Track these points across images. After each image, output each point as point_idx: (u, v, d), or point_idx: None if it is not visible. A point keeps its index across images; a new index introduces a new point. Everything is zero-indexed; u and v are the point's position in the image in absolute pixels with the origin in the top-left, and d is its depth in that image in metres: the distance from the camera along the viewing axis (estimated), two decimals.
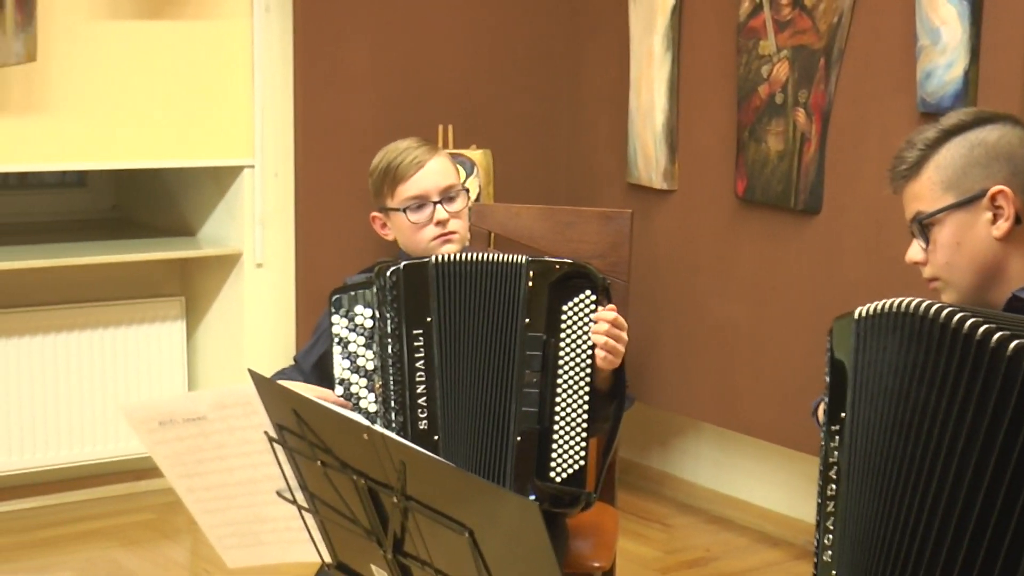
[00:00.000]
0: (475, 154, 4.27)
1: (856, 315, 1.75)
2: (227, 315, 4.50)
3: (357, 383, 2.54)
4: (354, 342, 2.54)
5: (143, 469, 4.42)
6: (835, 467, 1.77)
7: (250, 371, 1.84)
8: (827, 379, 1.80)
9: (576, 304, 2.50)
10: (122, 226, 4.78)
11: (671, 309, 4.34)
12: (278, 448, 1.83)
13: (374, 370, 2.53)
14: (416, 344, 2.51)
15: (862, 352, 1.73)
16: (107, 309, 4.40)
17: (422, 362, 2.50)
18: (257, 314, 4.41)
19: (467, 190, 2.76)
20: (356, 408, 2.54)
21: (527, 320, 2.49)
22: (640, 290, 4.23)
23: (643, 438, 4.67)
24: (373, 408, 2.53)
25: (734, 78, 4.02)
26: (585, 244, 3.16)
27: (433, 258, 2.54)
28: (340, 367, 2.55)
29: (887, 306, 1.70)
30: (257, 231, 4.38)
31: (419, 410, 2.49)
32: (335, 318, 2.55)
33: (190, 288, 4.64)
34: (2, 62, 3.79)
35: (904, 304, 1.67)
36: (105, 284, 4.47)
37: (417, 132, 4.28)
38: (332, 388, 2.55)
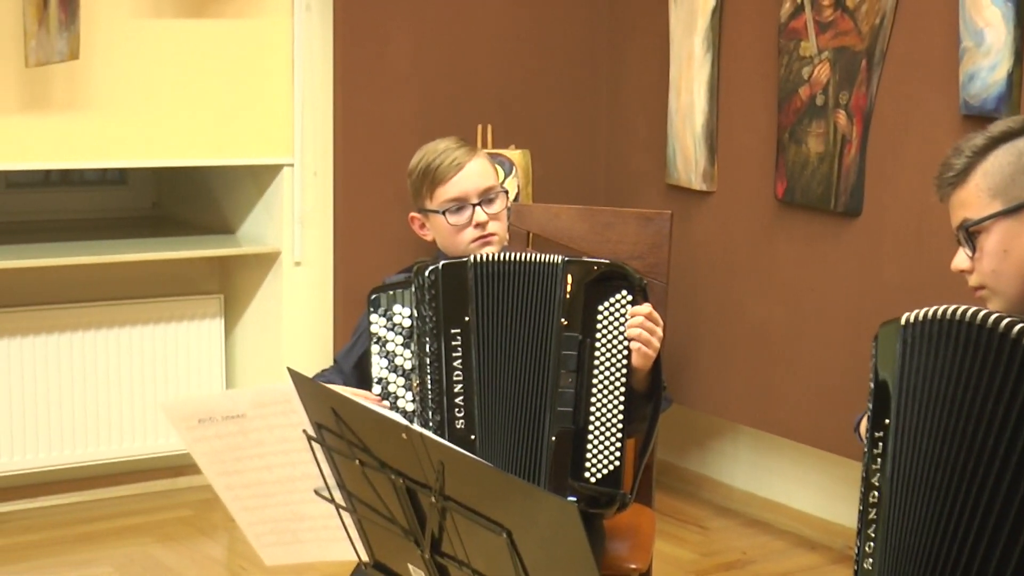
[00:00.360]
0: (514, 154, 4.26)
1: (903, 321, 1.74)
2: (265, 313, 4.51)
3: (395, 382, 2.56)
4: (392, 341, 2.55)
5: (181, 466, 4.44)
6: (878, 474, 1.75)
7: (289, 369, 1.85)
8: (871, 385, 1.78)
9: (612, 304, 2.50)
10: (162, 224, 4.80)
11: (709, 311, 4.32)
12: (316, 447, 1.83)
13: (412, 369, 2.54)
14: (454, 343, 2.51)
15: (909, 359, 1.72)
16: (146, 306, 4.42)
17: (459, 361, 2.51)
18: (295, 313, 4.42)
19: (506, 191, 2.76)
20: (394, 407, 2.55)
21: (563, 320, 2.50)
22: (679, 292, 4.22)
23: (680, 440, 4.65)
24: (411, 407, 2.54)
25: (775, 79, 4.01)
26: (624, 245, 3.17)
27: (472, 258, 2.55)
28: (378, 366, 2.56)
29: (937, 313, 1.69)
30: (296, 230, 4.38)
31: (456, 409, 2.50)
32: (373, 317, 2.56)
33: (229, 286, 4.65)
34: (46, 60, 3.81)
35: (956, 312, 1.66)
36: (144, 281, 4.49)
37: (456, 131, 4.28)
38: (371, 388, 2.56)
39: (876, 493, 1.73)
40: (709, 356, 4.33)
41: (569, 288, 2.50)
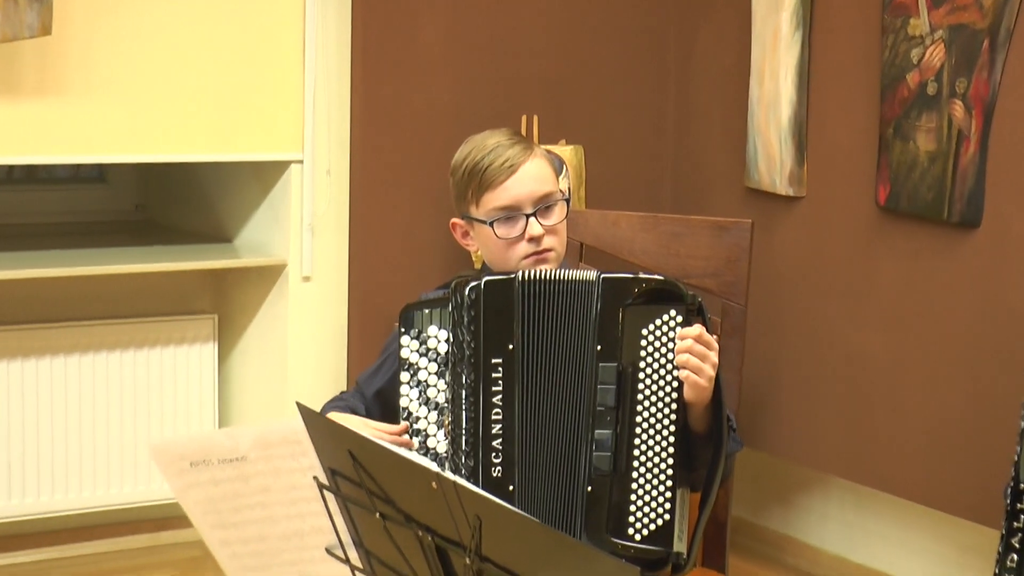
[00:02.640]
0: (564, 151, 4.27)
1: None
2: (268, 337, 4.51)
3: (425, 417, 2.59)
4: (424, 368, 2.59)
5: (167, 517, 4.43)
6: None
7: (298, 404, 1.86)
8: (1018, 448, 1.76)
9: (659, 327, 2.52)
10: (146, 230, 4.81)
11: (796, 339, 4.32)
12: (329, 496, 1.85)
13: (445, 403, 2.57)
14: (494, 376, 2.54)
15: None
16: (126, 328, 4.42)
17: (500, 397, 2.54)
18: (304, 336, 4.43)
19: (567, 198, 2.77)
20: (422, 447, 2.59)
21: (599, 347, 2.52)
22: (760, 316, 4.20)
23: (759, 494, 4.64)
24: (442, 448, 2.58)
25: (877, 64, 3.99)
26: (695, 260, 3.20)
27: (519, 274, 2.57)
28: (407, 397, 2.60)
29: None
30: (305, 238, 4.39)
31: (493, 454, 2.53)
32: (404, 339, 2.59)
33: (224, 304, 4.66)
34: (12, 35, 3.80)
35: None
36: (124, 298, 4.49)
37: (497, 125, 4.26)
38: (395, 420, 2.61)
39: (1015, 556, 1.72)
40: (795, 393, 4.32)
41: (603, 309, 2.53)
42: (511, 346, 2.54)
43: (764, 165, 4.35)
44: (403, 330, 2.60)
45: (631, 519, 2.49)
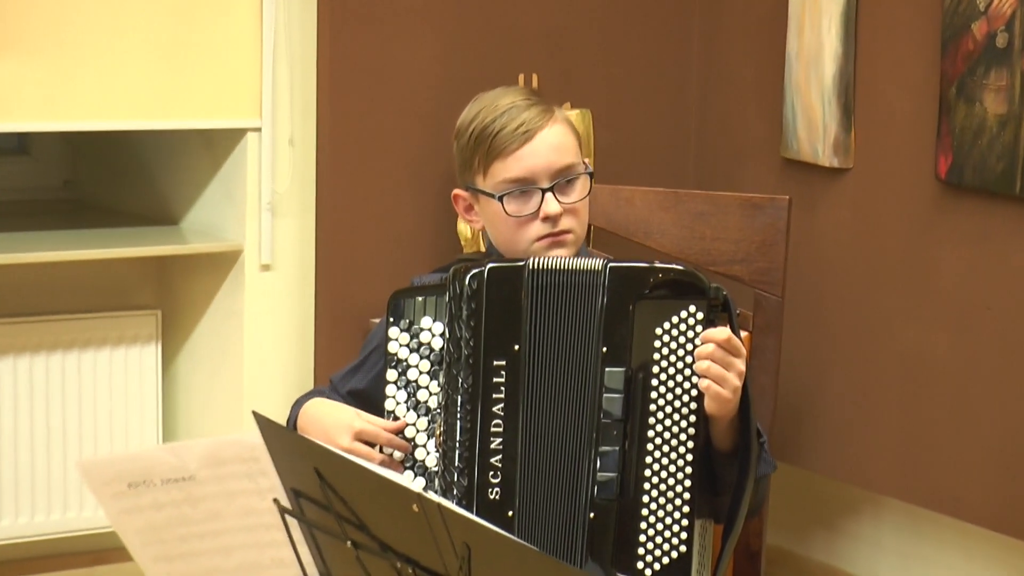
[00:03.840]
0: (570, 115, 4.18)
1: None
2: (221, 336, 4.51)
3: (414, 424, 2.60)
4: (415, 367, 2.60)
5: (103, 549, 4.41)
6: None
7: (255, 414, 1.87)
8: None
9: (675, 326, 2.52)
10: (77, 210, 4.79)
11: (842, 337, 4.31)
12: (292, 522, 1.85)
13: (437, 408, 2.58)
14: (495, 381, 2.55)
15: None
16: (51, 326, 4.40)
17: (501, 407, 2.55)
18: (263, 335, 4.42)
19: (590, 171, 2.77)
20: (409, 459, 2.59)
21: (604, 349, 2.54)
22: (799, 310, 4.17)
23: (800, 518, 4.64)
24: (432, 462, 2.59)
25: (937, 11, 3.98)
26: (723, 243, 3.19)
27: (530, 262, 2.58)
28: (393, 399, 2.60)
29: None
30: (264, 220, 4.39)
31: (491, 473, 2.53)
32: (393, 331, 2.60)
33: (169, 298, 4.65)
34: None
35: None
36: (49, 291, 4.47)
37: (489, 85, 4.21)
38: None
39: None
40: (841, 400, 4.31)
41: (611, 304, 2.54)
42: (517, 347, 2.55)
43: (804, 132, 4.34)
44: (392, 320, 2.60)
45: (641, 551, 2.50)
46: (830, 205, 4.33)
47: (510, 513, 2.52)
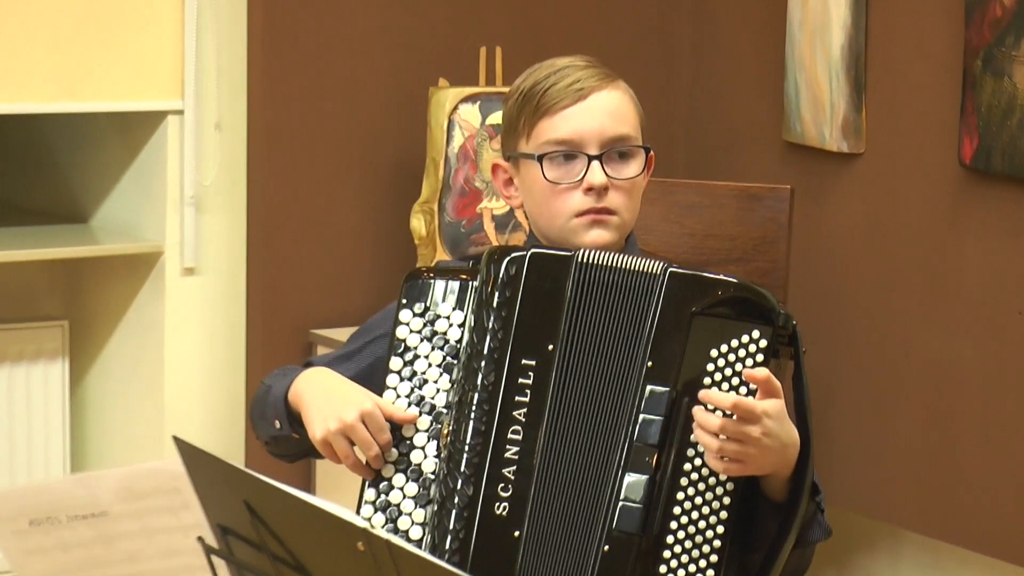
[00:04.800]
0: None
1: None
2: (137, 350, 4.52)
3: (416, 420, 2.62)
4: (425, 357, 2.63)
5: None
6: None
7: (176, 439, 1.89)
8: None
9: (735, 350, 2.54)
10: None
11: (854, 347, 4.33)
12: (219, 563, 1.85)
13: (445, 408, 2.61)
14: (522, 381, 2.58)
15: None
16: None
17: (524, 411, 2.58)
18: (186, 349, 4.44)
19: (648, 148, 2.79)
20: (402, 461, 2.60)
21: (650, 364, 2.56)
22: (805, 317, 3.92)
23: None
24: (429, 467, 2.61)
25: None
26: (716, 240, 3.25)
27: (580, 253, 2.61)
28: (393, 391, 2.63)
29: None
30: (187, 217, 4.40)
31: (501, 485, 2.56)
32: (405, 314, 2.64)
33: (78, 307, 4.67)
34: None
35: None
36: None
37: (446, 61, 4.25)
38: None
39: None
40: (854, 420, 4.33)
41: (665, 314, 2.56)
42: (551, 346, 2.58)
43: (809, 111, 4.36)
44: (405, 301, 2.64)
45: None
46: (839, 195, 4.35)
47: (517, 533, 2.54)
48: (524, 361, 2.58)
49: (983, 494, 4.06)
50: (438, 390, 2.62)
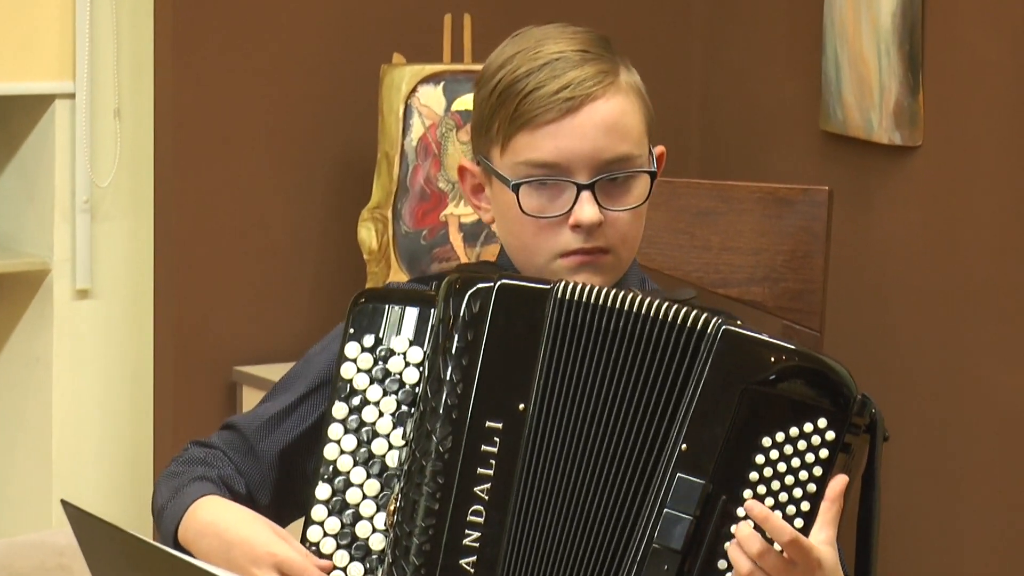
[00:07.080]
0: None
1: None
2: (19, 389, 4.54)
3: (360, 485, 2.51)
4: (375, 403, 2.51)
5: None
6: None
7: (65, 504, 1.96)
8: None
9: (792, 441, 2.40)
10: None
11: (909, 386, 4.32)
12: None
13: (397, 470, 2.50)
14: (485, 449, 2.45)
15: None
16: None
17: (487, 487, 2.45)
18: (79, 387, 4.44)
19: (653, 171, 2.62)
20: (344, 535, 2.49)
21: (684, 446, 2.40)
22: (846, 348, 4.12)
23: None
24: (376, 544, 2.49)
25: None
26: (736, 255, 3.23)
27: (556, 288, 2.46)
28: (336, 446, 2.50)
29: None
30: (80, 225, 4.38)
31: (457, 575, 2.46)
32: (351, 347, 2.52)
33: None
34: None
35: None
36: None
37: (397, 33, 4.21)
38: (301, 487, 2.56)
39: None
40: (911, 479, 4.30)
41: (714, 384, 2.42)
42: (522, 406, 2.44)
43: (853, 96, 4.36)
44: (352, 332, 2.52)
45: None
46: (890, 198, 4.37)
47: None
48: (488, 423, 2.46)
49: None
50: (390, 446, 2.51)
